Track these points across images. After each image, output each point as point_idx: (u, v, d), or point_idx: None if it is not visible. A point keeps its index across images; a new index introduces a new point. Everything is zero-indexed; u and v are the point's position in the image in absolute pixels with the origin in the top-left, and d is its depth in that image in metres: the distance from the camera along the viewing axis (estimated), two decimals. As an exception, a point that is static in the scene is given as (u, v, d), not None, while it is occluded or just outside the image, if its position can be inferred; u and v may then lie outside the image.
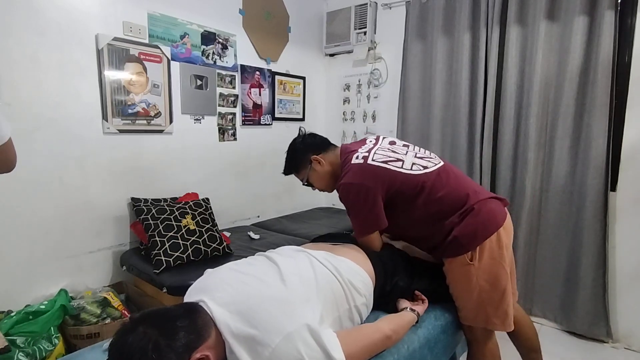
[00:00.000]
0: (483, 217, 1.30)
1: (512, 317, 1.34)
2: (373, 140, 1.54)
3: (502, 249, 1.29)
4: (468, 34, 2.53)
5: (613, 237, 2.18)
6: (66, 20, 1.93)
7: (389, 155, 1.40)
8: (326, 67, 3.53)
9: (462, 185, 1.37)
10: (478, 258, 1.28)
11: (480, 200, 1.32)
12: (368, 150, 1.43)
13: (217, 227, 2.22)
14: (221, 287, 1.04)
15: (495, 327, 1.35)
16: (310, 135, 1.63)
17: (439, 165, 1.42)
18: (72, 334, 1.78)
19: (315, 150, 1.56)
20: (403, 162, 1.38)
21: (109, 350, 0.84)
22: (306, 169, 1.57)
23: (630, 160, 2.11)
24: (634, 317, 2.15)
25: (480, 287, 1.30)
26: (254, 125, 2.96)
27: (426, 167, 1.38)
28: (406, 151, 1.45)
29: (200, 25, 2.51)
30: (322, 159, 1.54)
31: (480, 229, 1.29)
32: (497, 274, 1.29)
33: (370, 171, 1.35)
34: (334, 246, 1.42)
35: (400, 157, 1.41)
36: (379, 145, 1.48)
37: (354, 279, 1.21)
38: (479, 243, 1.28)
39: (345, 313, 1.16)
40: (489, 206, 1.33)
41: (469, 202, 1.32)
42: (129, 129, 2.20)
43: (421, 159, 1.42)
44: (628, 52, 2.07)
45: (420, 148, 1.53)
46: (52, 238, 1.97)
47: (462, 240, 1.30)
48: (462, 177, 1.44)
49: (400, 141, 1.56)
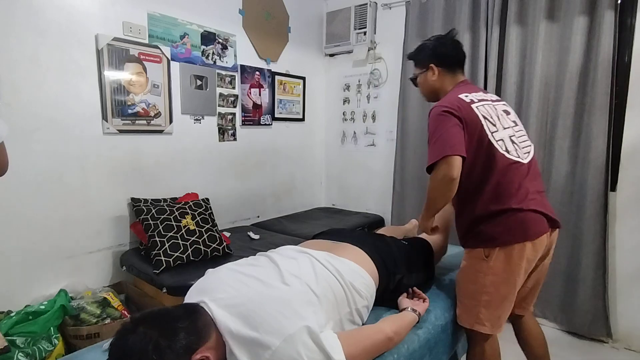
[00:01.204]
0: (513, 224, 1.28)
1: (503, 322, 1.35)
2: (493, 97, 1.48)
3: (522, 260, 1.28)
4: (468, 34, 2.54)
5: (613, 237, 2.18)
6: (66, 20, 1.93)
7: (491, 115, 1.35)
8: (326, 67, 3.53)
9: (524, 186, 1.30)
10: (494, 258, 1.29)
11: (523, 209, 1.28)
12: (479, 98, 1.38)
13: (217, 227, 2.22)
14: (222, 288, 1.04)
15: (484, 330, 1.35)
16: (452, 47, 1.52)
17: (518, 158, 1.33)
18: (72, 334, 1.78)
19: (439, 62, 1.50)
20: (496, 131, 1.33)
21: (109, 350, 0.84)
22: (421, 70, 1.56)
23: (630, 160, 2.11)
24: (634, 317, 2.15)
25: (484, 285, 1.32)
26: (253, 126, 2.96)
27: (508, 151, 1.31)
28: (508, 126, 1.38)
29: (200, 25, 2.51)
30: (438, 72, 1.50)
31: (503, 234, 1.28)
32: (506, 280, 1.30)
33: (465, 108, 1.31)
34: (335, 245, 1.41)
35: (497, 126, 1.34)
36: (493, 103, 1.41)
37: (356, 281, 1.21)
38: (497, 245, 1.29)
39: (346, 315, 1.15)
40: (527, 217, 1.28)
41: (512, 204, 1.28)
42: (129, 129, 2.20)
43: (512, 143, 1.34)
44: (628, 52, 2.08)
45: (522, 135, 1.43)
46: (52, 238, 1.97)
47: (483, 236, 1.31)
48: (531, 179, 1.34)
49: (513, 117, 1.46)
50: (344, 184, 3.56)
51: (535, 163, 1.40)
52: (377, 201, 3.30)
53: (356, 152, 3.42)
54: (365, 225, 2.98)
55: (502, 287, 1.30)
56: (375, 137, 3.28)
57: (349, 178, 3.50)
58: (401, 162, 2.98)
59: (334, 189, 3.65)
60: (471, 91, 1.41)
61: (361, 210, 3.37)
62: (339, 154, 3.56)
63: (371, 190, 3.35)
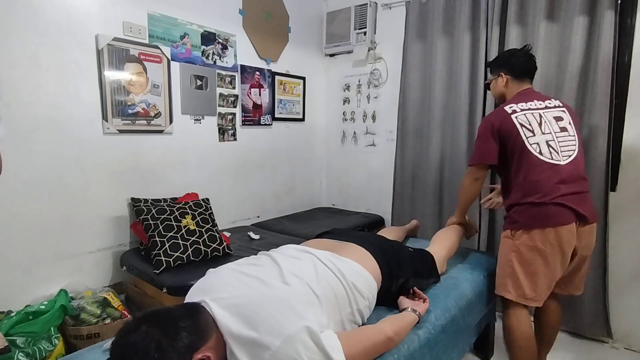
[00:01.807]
0: (534, 213, 1.52)
1: (530, 296, 1.56)
2: (551, 103, 1.65)
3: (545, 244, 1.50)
4: (468, 34, 2.54)
5: (613, 237, 2.18)
6: (66, 20, 1.92)
7: (530, 123, 1.57)
8: (326, 67, 3.53)
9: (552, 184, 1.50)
10: (517, 237, 1.56)
11: (546, 203, 1.49)
12: (524, 108, 1.61)
13: (217, 227, 2.22)
14: (223, 287, 1.04)
15: (508, 295, 1.60)
16: (523, 59, 1.73)
17: (552, 160, 1.53)
18: (72, 334, 1.78)
19: (508, 70, 1.74)
20: (532, 136, 1.55)
21: (111, 348, 0.84)
22: (494, 76, 1.81)
23: (630, 160, 2.11)
24: (634, 317, 2.15)
25: (509, 260, 1.58)
26: (254, 126, 2.96)
27: (541, 153, 1.53)
28: (549, 131, 1.56)
29: (200, 25, 2.51)
30: (504, 80, 1.74)
31: (527, 220, 1.53)
32: (529, 259, 1.54)
33: (503, 119, 1.60)
34: (338, 245, 1.41)
35: (535, 132, 1.56)
36: (542, 110, 1.61)
37: (358, 281, 1.21)
38: (520, 228, 1.55)
39: (348, 316, 1.15)
40: (549, 209, 1.49)
41: (535, 199, 1.51)
42: (129, 129, 2.20)
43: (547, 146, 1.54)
44: (628, 52, 2.08)
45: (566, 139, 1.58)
46: (52, 238, 1.96)
47: (511, 220, 1.60)
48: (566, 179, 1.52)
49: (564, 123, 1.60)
50: (344, 184, 3.56)
51: (578, 165, 1.56)
52: (377, 201, 3.30)
53: (356, 152, 3.42)
54: (365, 225, 2.98)
55: (524, 264, 1.55)
56: (375, 137, 3.28)
57: (349, 178, 3.50)
58: (401, 162, 2.98)
59: (334, 189, 3.65)
60: (523, 101, 1.65)
61: (361, 210, 3.38)
62: (339, 154, 3.56)
63: (371, 190, 3.35)
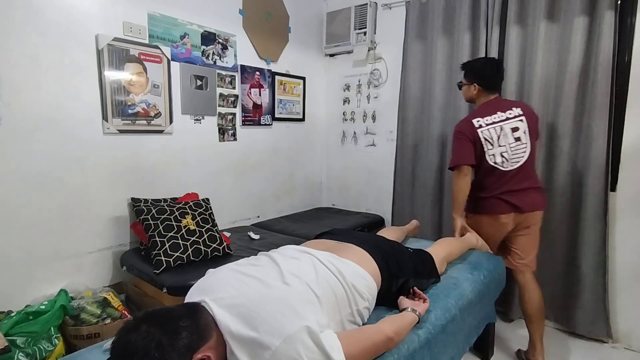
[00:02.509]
0: (482, 204, 1.98)
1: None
2: (511, 114, 1.93)
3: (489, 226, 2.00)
4: (468, 34, 2.54)
5: (613, 237, 2.18)
6: (66, 20, 1.93)
7: (492, 137, 1.91)
8: (326, 67, 3.53)
9: (499, 184, 1.92)
10: (470, 217, 2.05)
11: (491, 197, 1.94)
12: (489, 122, 1.92)
13: (217, 227, 2.22)
14: (223, 287, 1.04)
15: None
16: (486, 76, 2.00)
17: (502, 167, 1.91)
18: (72, 334, 1.78)
19: (481, 81, 1.99)
20: (491, 149, 1.91)
21: (112, 348, 0.84)
22: (466, 83, 2.06)
23: (630, 160, 2.11)
24: (634, 317, 2.15)
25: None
26: (254, 126, 2.96)
27: (495, 163, 1.91)
28: (504, 144, 1.90)
29: (200, 25, 2.51)
30: (476, 89, 2.01)
31: (475, 207, 2.02)
32: (479, 231, 2.03)
33: (472, 132, 1.92)
34: (338, 246, 1.41)
35: (494, 145, 1.91)
36: (502, 123, 1.91)
37: (358, 282, 1.21)
38: (472, 212, 2.04)
39: (347, 316, 1.15)
40: (492, 201, 1.94)
41: (484, 194, 1.96)
42: (129, 129, 2.20)
43: (501, 156, 1.91)
44: (628, 52, 2.08)
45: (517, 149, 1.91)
46: (52, 238, 1.96)
47: (468, 207, 2.03)
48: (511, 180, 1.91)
49: (519, 133, 1.91)
50: (344, 184, 3.56)
51: (523, 170, 1.91)
52: (377, 201, 3.30)
53: (356, 152, 3.42)
54: (365, 225, 2.98)
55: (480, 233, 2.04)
56: (375, 137, 3.28)
57: (349, 178, 3.50)
58: (401, 162, 2.98)
59: (334, 189, 3.65)
60: (488, 114, 1.94)
61: (361, 210, 3.38)
62: (339, 154, 3.56)
63: (371, 190, 3.35)
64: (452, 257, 1.81)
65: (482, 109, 1.98)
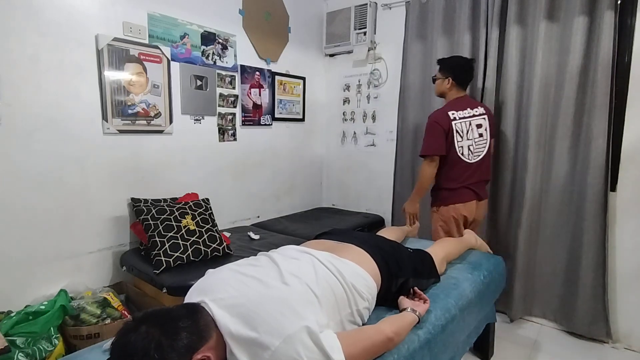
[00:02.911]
0: (452, 194, 2.15)
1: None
2: (478, 111, 2.16)
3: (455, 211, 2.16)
4: (468, 34, 2.54)
5: (613, 237, 2.18)
6: (66, 20, 1.92)
7: (462, 130, 2.10)
8: (326, 67, 3.53)
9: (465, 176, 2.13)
10: (440, 211, 2.21)
11: (458, 187, 2.14)
12: (461, 116, 2.11)
13: (217, 228, 2.22)
14: (222, 288, 1.04)
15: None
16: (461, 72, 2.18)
17: (468, 160, 2.13)
18: (72, 335, 1.78)
19: (455, 76, 2.17)
20: (461, 141, 2.11)
21: (111, 348, 0.84)
22: (440, 76, 2.22)
23: (630, 160, 2.11)
24: (634, 317, 2.15)
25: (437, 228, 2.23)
26: (253, 126, 2.96)
27: (462, 155, 2.11)
28: (471, 138, 2.12)
29: (200, 25, 2.51)
30: (448, 84, 2.18)
31: (444, 198, 2.19)
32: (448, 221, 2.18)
33: (447, 123, 2.08)
34: (338, 246, 1.41)
35: (463, 138, 2.11)
36: (470, 119, 2.12)
37: (358, 282, 1.21)
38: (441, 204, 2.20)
39: (347, 316, 1.15)
40: (460, 191, 2.14)
41: (451, 185, 2.15)
42: (129, 129, 2.20)
43: (468, 149, 2.12)
44: (628, 52, 2.08)
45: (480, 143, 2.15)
46: (52, 238, 1.96)
47: (434, 198, 2.25)
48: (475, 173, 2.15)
49: (482, 130, 2.15)
50: (344, 184, 3.56)
51: (481, 163, 2.16)
52: (377, 201, 3.30)
53: (356, 152, 3.42)
54: (365, 225, 2.98)
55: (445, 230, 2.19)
56: (375, 137, 3.28)
57: (349, 178, 3.50)
58: (401, 162, 2.98)
59: (334, 189, 3.65)
60: (461, 108, 2.13)
61: (361, 210, 3.38)
62: (339, 154, 3.56)
63: (371, 190, 3.35)
64: (451, 257, 1.81)
65: (454, 103, 2.16)
